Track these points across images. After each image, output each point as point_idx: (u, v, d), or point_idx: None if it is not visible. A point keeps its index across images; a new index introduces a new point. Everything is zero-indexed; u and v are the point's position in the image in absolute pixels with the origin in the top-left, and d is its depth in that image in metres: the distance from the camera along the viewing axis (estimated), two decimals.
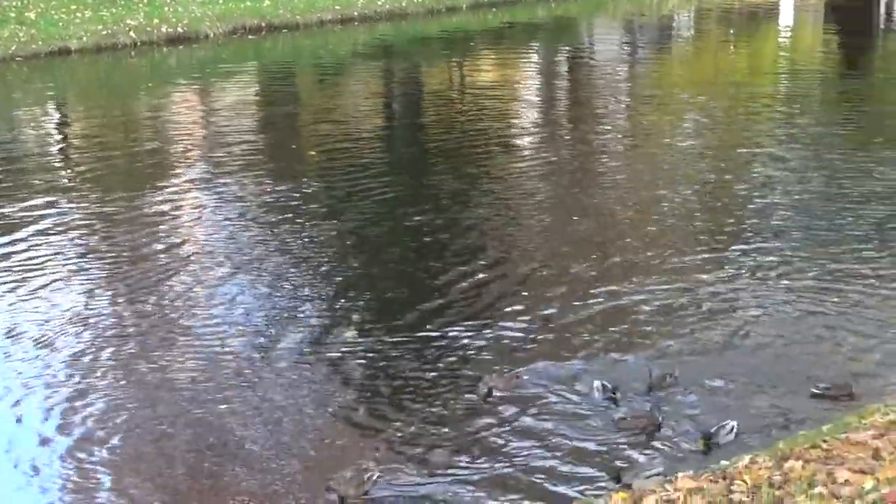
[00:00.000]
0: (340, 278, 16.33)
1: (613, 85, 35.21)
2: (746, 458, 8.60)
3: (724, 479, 7.97)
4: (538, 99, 33.33)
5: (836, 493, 6.27)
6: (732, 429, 11.01)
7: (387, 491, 10.29)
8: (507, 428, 11.47)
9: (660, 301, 14.94)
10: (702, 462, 10.03)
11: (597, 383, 12.08)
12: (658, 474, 9.63)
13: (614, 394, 11.92)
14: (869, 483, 6.01)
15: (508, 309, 14.79)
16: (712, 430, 11.02)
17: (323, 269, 16.69)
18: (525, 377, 12.45)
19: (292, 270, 16.61)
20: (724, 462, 9.11)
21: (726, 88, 33.22)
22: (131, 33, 39.16)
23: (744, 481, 7.64)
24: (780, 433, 10.86)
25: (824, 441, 8.28)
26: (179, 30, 40.30)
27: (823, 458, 7.83)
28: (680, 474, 8.62)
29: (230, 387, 12.63)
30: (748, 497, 7.15)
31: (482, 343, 13.70)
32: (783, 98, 31.52)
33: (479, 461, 10.86)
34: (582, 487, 10.18)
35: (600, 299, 14.99)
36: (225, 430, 11.64)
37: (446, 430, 11.48)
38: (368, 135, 26.84)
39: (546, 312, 14.60)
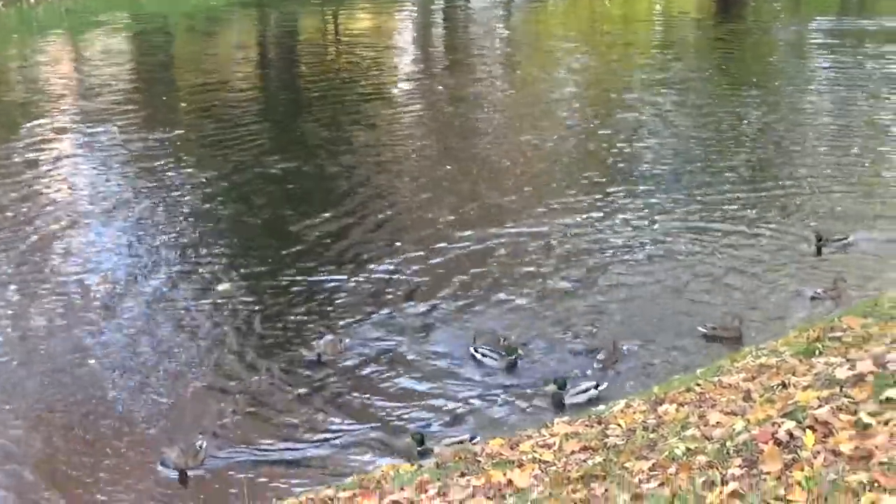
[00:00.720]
0: (206, 226, 16.16)
1: (489, 33, 35.18)
2: (622, 403, 8.65)
3: (600, 423, 7.99)
4: (413, 47, 33.15)
5: (708, 435, 6.30)
6: (588, 390, 10.86)
7: (220, 459, 10.22)
8: (330, 395, 11.38)
9: (525, 248, 14.93)
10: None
11: (488, 353, 11.89)
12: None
13: (512, 356, 11.79)
14: (739, 424, 6.05)
15: (367, 257, 14.80)
16: (568, 385, 10.92)
17: (188, 217, 16.49)
18: (348, 340, 12.38)
19: (158, 219, 16.38)
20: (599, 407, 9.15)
21: (601, 36, 33.49)
22: None
23: (619, 425, 7.66)
24: (661, 376, 10.83)
25: (698, 384, 8.36)
26: None
27: (696, 401, 7.90)
28: (556, 419, 8.62)
29: (86, 341, 12.41)
30: (623, 440, 7.17)
31: (338, 295, 13.63)
32: (657, 45, 31.90)
33: (303, 428, 10.77)
34: (390, 455, 10.10)
35: (464, 244, 15.02)
36: (75, 388, 11.37)
37: (278, 395, 11.40)
38: (241, 84, 26.45)
39: (402, 261, 14.60)
